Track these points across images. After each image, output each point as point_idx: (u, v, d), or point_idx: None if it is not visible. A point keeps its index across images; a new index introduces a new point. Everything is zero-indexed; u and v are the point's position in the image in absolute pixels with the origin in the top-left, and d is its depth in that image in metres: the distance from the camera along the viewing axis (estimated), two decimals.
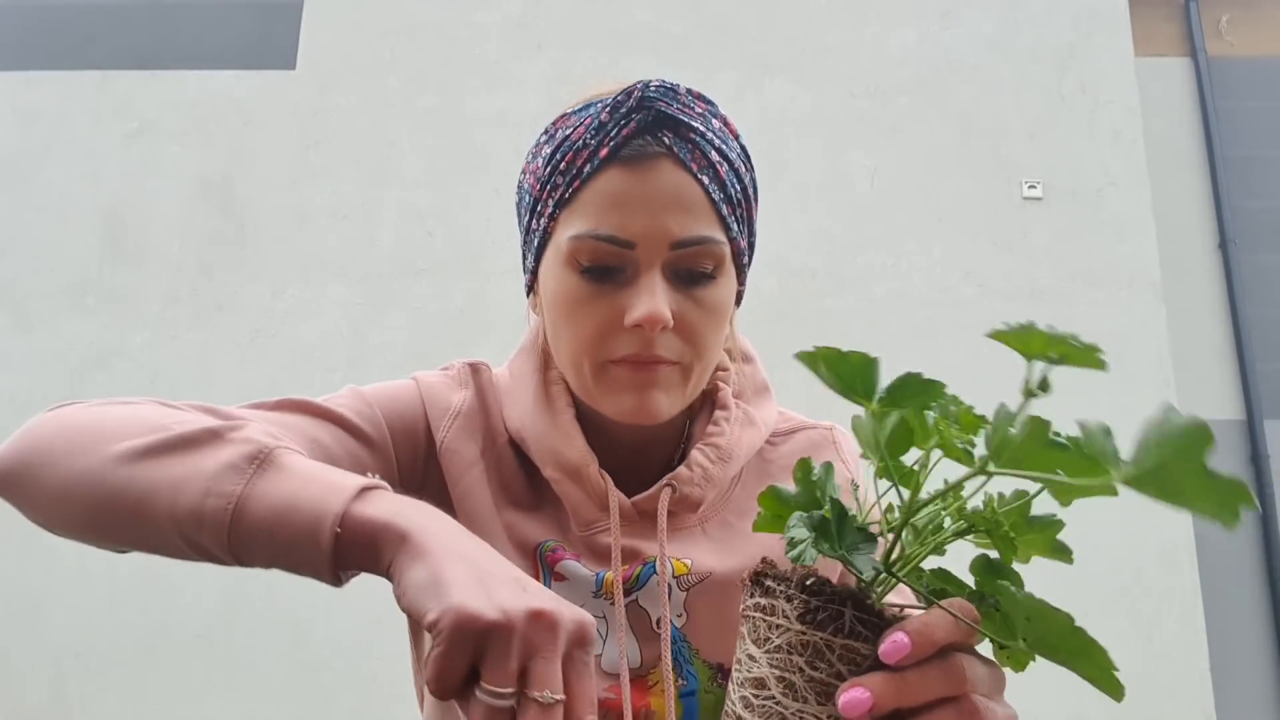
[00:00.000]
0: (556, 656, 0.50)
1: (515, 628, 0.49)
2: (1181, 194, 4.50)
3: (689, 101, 0.76)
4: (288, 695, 3.56)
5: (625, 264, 0.74)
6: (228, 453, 0.60)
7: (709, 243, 0.75)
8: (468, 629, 0.49)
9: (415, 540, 0.54)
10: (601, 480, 0.79)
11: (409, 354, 3.88)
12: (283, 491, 0.58)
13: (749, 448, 0.84)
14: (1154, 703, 3.53)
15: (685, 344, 0.76)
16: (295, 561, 0.58)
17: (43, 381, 3.95)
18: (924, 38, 4.26)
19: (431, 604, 0.50)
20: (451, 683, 0.49)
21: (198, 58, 4.35)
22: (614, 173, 0.74)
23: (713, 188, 0.75)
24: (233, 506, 0.58)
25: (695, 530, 0.82)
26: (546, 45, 4.26)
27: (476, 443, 0.83)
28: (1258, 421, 4.21)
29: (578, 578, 0.79)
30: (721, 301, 0.77)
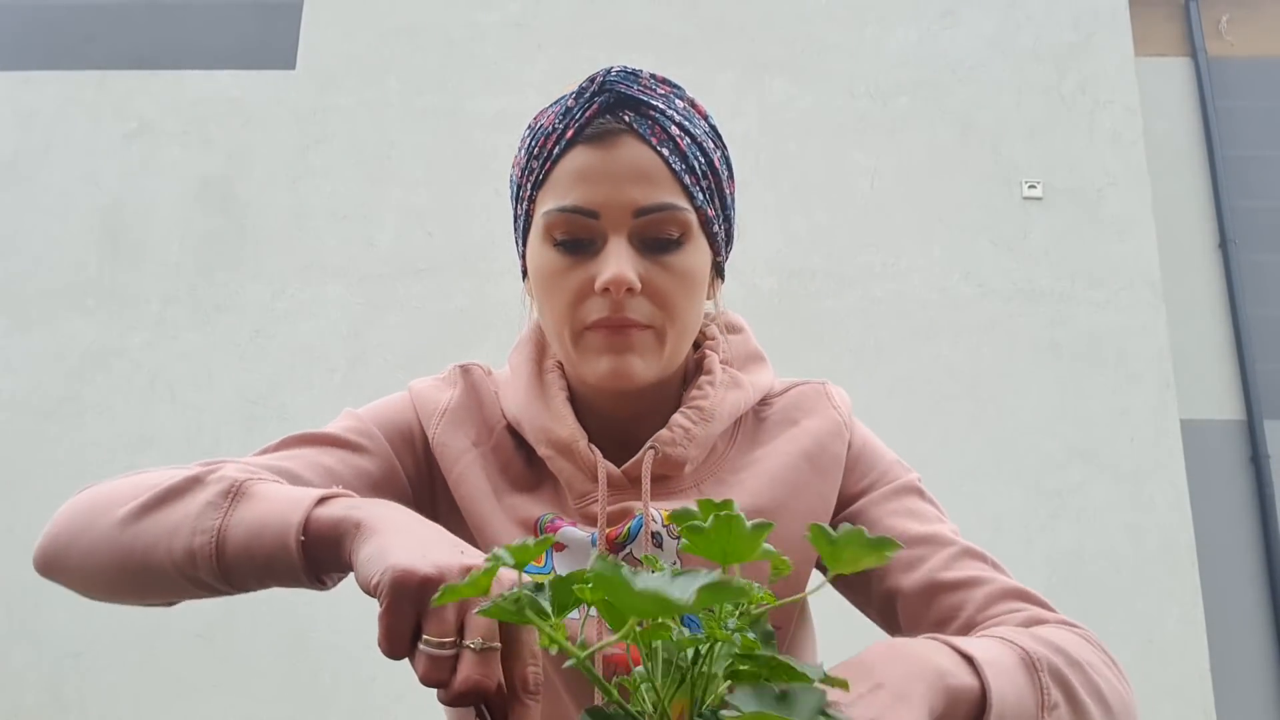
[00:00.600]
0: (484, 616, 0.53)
1: (448, 579, 0.53)
2: (1181, 194, 4.50)
3: (651, 84, 0.81)
4: (287, 695, 3.56)
5: (594, 235, 0.79)
6: (207, 493, 0.67)
7: (671, 209, 0.79)
8: (406, 584, 0.53)
9: (366, 525, 0.60)
10: (591, 454, 0.83)
11: (408, 354, 3.88)
12: (254, 515, 0.65)
13: (733, 407, 0.86)
14: (1154, 703, 3.52)
15: (656, 308, 0.80)
16: (279, 575, 0.64)
17: (43, 381, 3.95)
18: (924, 38, 4.26)
19: (374, 569, 0.55)
20: (399, 640, 0.53)
21: (198, 58, 4.35)
22: (579, 151, 0.79)
23: (673, 159, 0.79)
24: (215, 539, 0.65)
25: (690, 490, 0.84)
26: (546, 45, 4.26)
27: (467, 434, 0.87)
28: (1258, 421, 4.21)
29: (575, 541, 0.82)
30: (691, 268, 0.81)
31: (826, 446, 0.87)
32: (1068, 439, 3.79)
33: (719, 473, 0.86)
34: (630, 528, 0.82)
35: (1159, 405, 3.83)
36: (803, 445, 0.86)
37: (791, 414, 0.90)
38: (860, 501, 0.87)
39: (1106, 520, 3.71)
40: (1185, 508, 3.71)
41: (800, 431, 0.88)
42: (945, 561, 0.82)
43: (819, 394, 0.92)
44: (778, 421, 0.89)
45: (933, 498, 0.89)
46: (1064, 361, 3.88)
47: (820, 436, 0.87)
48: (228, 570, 0.64)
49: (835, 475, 0.86)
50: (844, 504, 0.87)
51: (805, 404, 0.90)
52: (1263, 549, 4.12)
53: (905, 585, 0.81)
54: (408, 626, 0.53)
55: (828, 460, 0.86)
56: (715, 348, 0.90)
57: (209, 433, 3.81)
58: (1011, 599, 0.80)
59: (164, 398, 3.90)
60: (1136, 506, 3.72)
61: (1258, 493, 4.17)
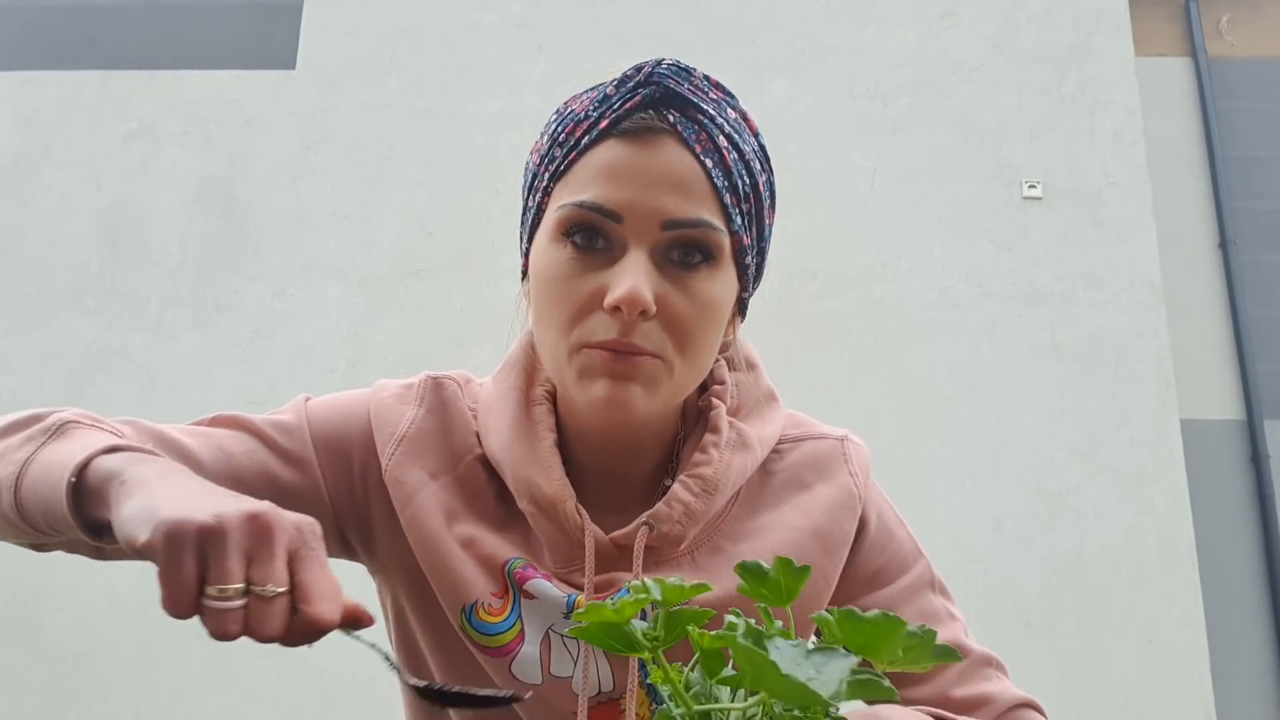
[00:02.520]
0: (275, 554, 0.50)
1: (228, 529, 0.49)
2: (1181, 194, 4.50)
3: (703, 85, 0.73)
4: (288, 695, 3.56)
5: (612, 240, 0.70)
6: (34, 429, 0.65)
7: (704, 227, 0.70)
8: (182, 536, 0.49)
9: (131, 481, 0.55)
10: (579, 517, 0.75)
11: (409, 354, 3.88)
12: (54, 455, 0.60)
13: (739, 474, 0.78)
14: (1154, 703, 3.52)
15: (669, 336, 0.70)
16: (58, 522, 0.59)
17: (43, 381, 3.95)
18: (924, 38, 4.26)
19: (141, 529, 0.50)
20: (183, 598, 0.49)
21: (198, 58, 4.35)
22: (611, 144, 0.70)
23: (716, 172, 0.71)
24: (18, 471, 0.61)
25: (683, 559, 0.77)
26: (546, 46, 4.26)
27: (425, 465, 0.78)
28: (1258, 421, 4.21)
29: (548, 597, 0.75)
30: (716, 296, 0.72)
31: (838, 522, 0.79)
32: (1068, 439, 3.79)
33: (716, 539, 0.79)
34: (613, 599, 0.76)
35: (1159, 405, 3.83)
36: (813, 519, 0.79)
37: (803, 474, 0.82)
38: (872, 597, 0.81)
39: (1106, 521, 3.71)
40: (1185, 508, 3.71)
41: (810, 500, 0.80)
42: (958, 677, 0.79)
43: (835, 455, 0.83)
44: (786, 482, 0.81)
45: (944, 585, 0.84)
46: (1064, 362, 3.88)
47: (832, 510, 0.80)
48: (21, 505, 0.61)
49: (841, 554, 0.80)
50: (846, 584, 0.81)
51: (819, 464, 0.82)
52: (1263, 549, 4.11)
53: (916, 698, 0.78)
54: (192, 581, 0.49)
55: (837, 538, 0.79)
56: (723, 395, 0.81)
57: None
58: (1017, 709, 0.80)
59: (164, 398, 3.90)
60: (1137, 507, 3.72)
61: (1258, 493, 4.17)
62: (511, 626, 0.76)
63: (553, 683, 0.76)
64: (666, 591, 0.45)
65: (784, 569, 0.51)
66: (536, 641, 0.76)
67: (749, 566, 0.52)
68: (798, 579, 0.51)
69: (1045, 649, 3.53)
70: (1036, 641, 3.54)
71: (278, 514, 0.51)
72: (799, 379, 3.68)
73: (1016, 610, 3.59)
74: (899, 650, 0.46)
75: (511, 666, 0.76)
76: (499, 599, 0.76)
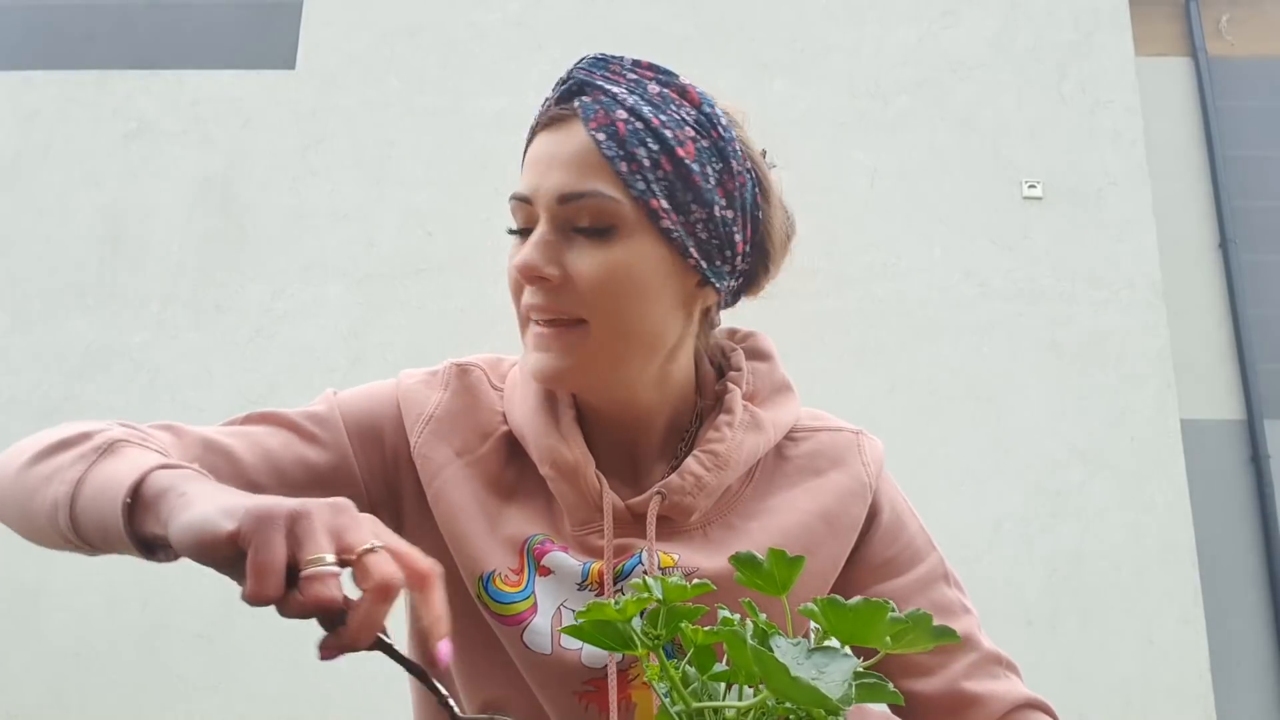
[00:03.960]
0: (364, 526, 0.53)
1: (314, 510, 0.52)
2: (1181, 194, 4.50)
3: (621, 70, 0.78)
4: (287, 695, 3.56)
5: (531, 222, 0.77)
6: (85, 447, 0.67)
7: (595, 196, 0.74)
8: (273, 518, 0.51)
9: (191, 494, 0.56)
10: (597, 482, 0.79)
11: (409, 354, 3.88)
12: (108, 472, 0.63)
13: (751, 452, 0.82)
14: (1154, 703, 3.52)
15: (580, 299, 0.75)
16: (113, 539, 0.61)
17: (42, 381, 3.95)
18: (924, 38, 4.26)
19: (224, 521, 0.52)
20: (273, 578, 0.50)
21: (198, 58, 4.35)
22: (537, 139, 0.79)
23: (609, 144, 0.74)
24: (72, 490, 0.63)
25: (696, 532, 0.81)
26: (546, 45, 4.26)
27: (451, 444, 0.83)
28: (1258, 421, 4.21)
29: (564, 569, 0.79)
30: (623, 261, 0.75)
31: (848, 508, 0.83)
32: (1068, 439, 3.79)
33: (729, 516, 0.82)
34: (625, 566, 0.79)
35: (1159, 405, 3.83)
36: (823, 503, 0.82)
37: (817, 461, 0.85)
38: (885, 586, 0.83)
39: (1107, 520, 3.71)
40: (1185, 508, 3.71)
41: (823, 485, 0.84)
42: (967, 669, 0.81)
43: (851, 445, 0.87)
44: (801, 468, 0.85)
45: (956, 578, 0.86)
46: (1064, 361, 3.88)
47: (842, 496, 0.83)
48: (76, 522, 0.63)
49: (849, 539, 0.83)
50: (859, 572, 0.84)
51: (834, 453, 0.86)
52: (1263, 549, 4.12)
53: (927, 689, 0.80)
54: (282, 562, 0.50)
55: (846, 523, 0.82)
56: (739, 381, 0.86)
57: None
58: (1025, 709, 0.81)
59: (164, 398, 3.90)
60: (1137, 506, 3.72)
61: (1258, 493, 4.17)
62: (526, 598, 0.79)
63: (562, 654, 0.78)
64: (668, 590, 0.46)
65: (778, 560, 0.52)
66: (549, 615, 0.79)
67: (743, 557, 0.53)
68: (791, 569, 0.52)
69: (1045, 648, 3.53)
70: (1037, 641, 3.54)
71: (352, 504, 0.55)
72: (799, 378, 3.65)
73: (1017, 609, 3.59)
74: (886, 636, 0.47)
75: (524, 635, 0.79)
76: (516, 574, 0.80)
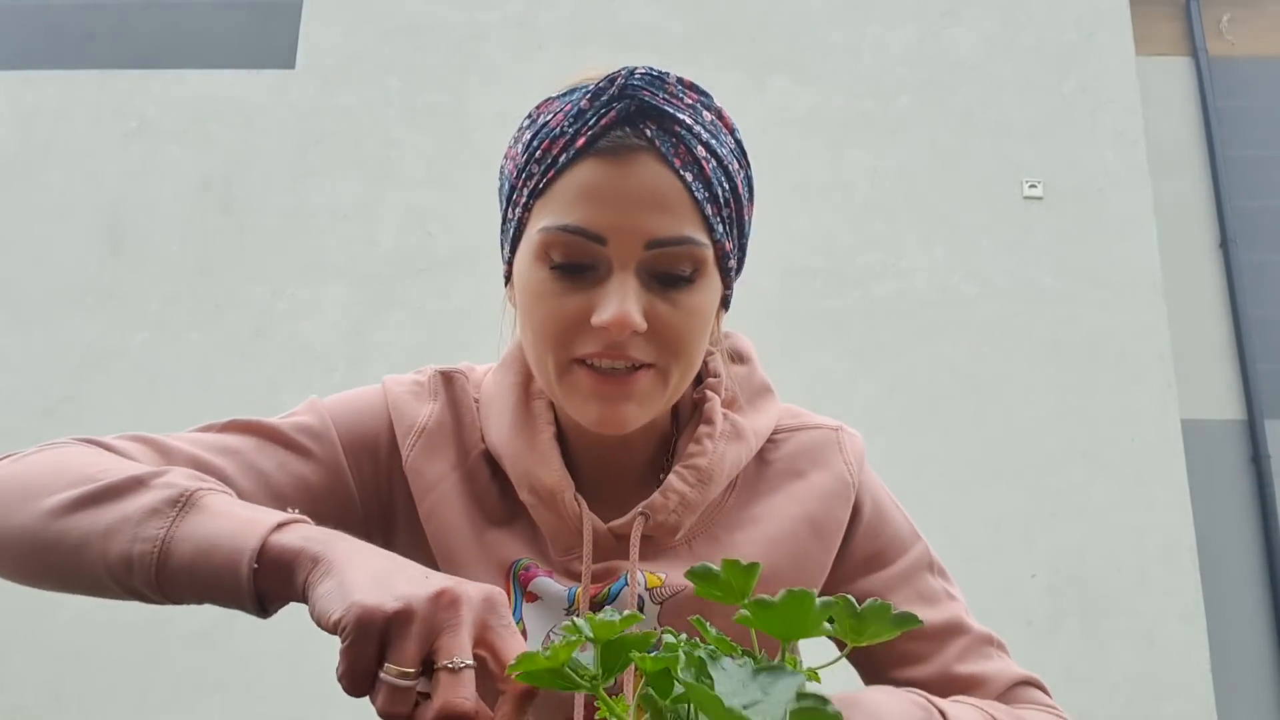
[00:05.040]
0: (462, 628, 0.52)
1: (415, 611, 0.51)
2: (1182, 194, 4.50)
3: (678, 91, 0.72)
4: (288, 695, 3.56)
5: (597, 260, 0.71)
6: (151, 498, 0.62)
7: (688, 244, 0.71)
8: (371, 621, 0.51)
9: (325, 559, 0.56)
10: (577, 506, 0.77)
11: (409, 354, 3.88)
12: (203, 532, 0.60)
13: (733, 464, 0.80)
14: (1154, 703, 3.52)
15: (660, 347, 0.72)
16: (220, 597, 0.59)
17: (42, 381, 3.94)
18: (924, 37, 4.25)
19: (335, 607, 0.52)
20: (361, 677, 0.51)
21: (198, 57, 4.35)
22: (590, 164, 0.70)
23: (696, 186, 0.71)
24: (158, 550, 0.60)
25: (681, 548, 0.79)
26: (547, 45, 4.26)
27: (444, 458, 0.81)
28: (1258, 421, 4.21)
29: (550, 594, 0.77)
30: (701, 306, 0.73)
31: (832, 510, 0.81)
32: (1069, 439, 3.79)
33: (713, 529, 0.80)
34: (612, 589, 0.77)
35: (1160, 405, 3.82)
36: (806, 507, 0.81)
37: (798, 463, 0.83)
38: (871, 579, 0.83)
39: (1107, 520, 3.71)
40: (1186, 508, 3.71)
41: (805, 488, 0.82)
42: (959, 654, 0.81)
43: (830, 443, 0.85)
44: (782, 471, 0.83)
45: (942, 567, 0.86)
46: (1065, 361, 3.88)
47: (825, 498, 0.82)
48: (166, 583, 0.60)
49: (835, 540, 0.82)
50: (845, 567, 0.83)
51: (814, 453, 0.84)
52: (1263, 549, 4.11)
53: (921, 676, 0.79)
54: (371, 664, 0.51)
55: (830, 526, 0.81)
56: (717, 388, 0.83)
57: None
58: (1020, 687, 0.81)
59: (164, 398, 3.90)
60: (1137, 506, 3.71)
61: (1258, 493, 4.17)
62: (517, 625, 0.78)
63: None
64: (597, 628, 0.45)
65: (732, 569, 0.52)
66: (538, 641, 0.78)
67: (698, 571, 0.53)
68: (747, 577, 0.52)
69: (1046, 648, 3.53)
70: (1037, 640, 3.54)
71: (464, 588, 0.53)
72: (799, 378, 3.68)
73: (1016, 610, 3.58)
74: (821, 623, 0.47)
75: None
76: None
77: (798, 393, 0.94)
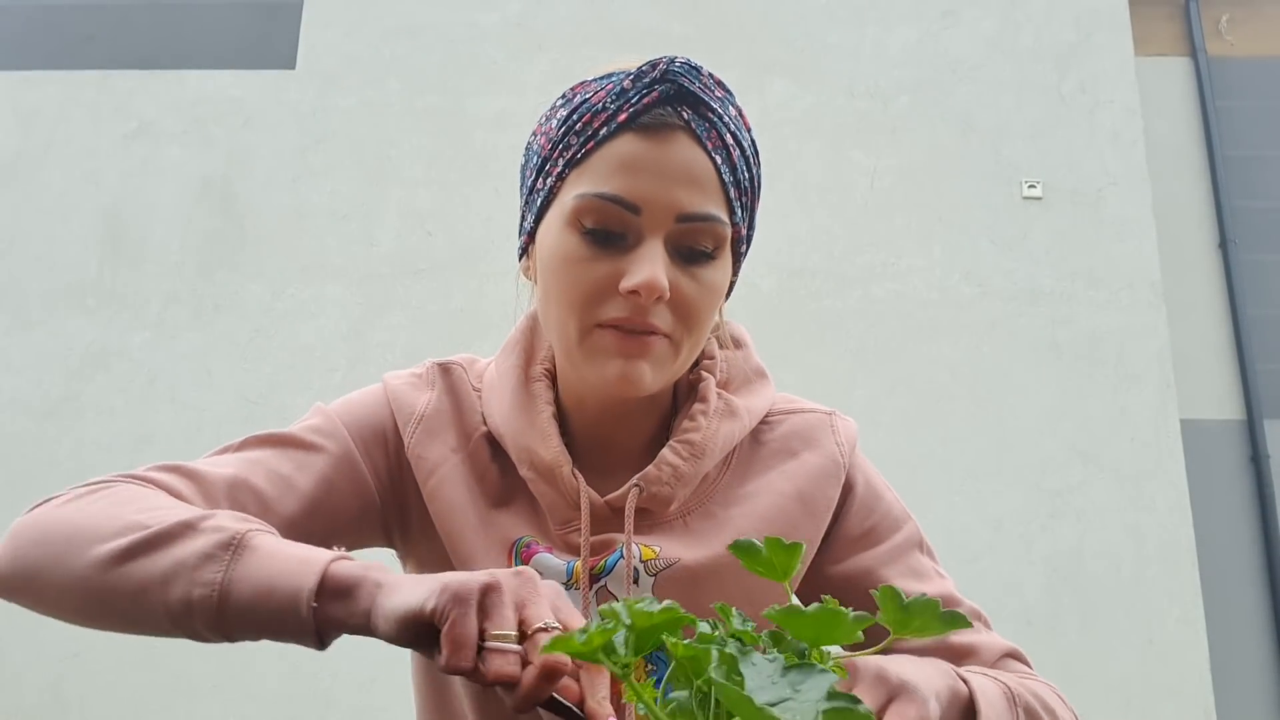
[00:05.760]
0: (543, 599, 0.57)
1: (502, 582, 0.56)
2: (1181, 194, 4.50)
3: (710, 84, 0.77)
4: (288, 695, 3.56)
5: (628, 229, 0.75)
6: (203, 543, 0.64)
7: (714, 221, 0.75)
8: (468, 593, 0.55)
9: (387, 583, 0.60)
10: (574, 480, 0.80)
11: (409, 354, 3.88)
12: (261, 574, 0.62)
13: (726, 439, 0.83)
14: (1154, 703, 3.52)
15: (677, 319, 0.76)
16: (280, 634, 0.63)
17: (43, 381, 3.95)
18: (924, 38, 4.26)
19: (420, 598, 0.56)
20: (467, 650, 0.54)
21: (198, 58, 4.35)
22: (630, 138, 0.74)
23: (725, 169, 0.76)
24: (217, 594, 0.62)
25: (676, 522, 0.82)
26: (546, 46, 4.26)
27: (444, 443, 0.84)
28: (1258, 421, 4.21)
29: (550, 569, 0.80)
30: (718, 282, 0.78)
31: (822, 488, 0.84)
32: (1068, 439, 3.79)
33: (708, 505, 0.83)
34: (608, 561, 0.79)
35: (1159, 405, 3.83)
36: (797, 484, 0.84)
37: (791, 443, 0.87)
38: (863, 556, 0.85)
39: (1106, 520, 3.71)
40: (1185, 508, 3.71)
41: (797, 466, 0.85)
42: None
43: (823, 425, 0.88)
44: (776, 451, 0.86)
45: (931, 547, 0.89)
46: (1064, 361, 3.88)
47: (816, 476, 0.84)
48: (227, 624, 0.63)
49: (825, 517, 0.84)
50: (837, 545, 0.85)
51: (807, 434, 0.87)
52: (1263, 549, 4.11)
53: (917, 645, 0.81)
54: (475, 634, 0.54)
55: (821, 503, 0.84)
56: (713, 369, 0.87)
57: (209, 433, 3.80)
58: (1005, 659, 0.85)
59: (164, 398, 3.90)
60: (1136, 506, 3.72)
61: (1258, 493, 4.17)
62: None
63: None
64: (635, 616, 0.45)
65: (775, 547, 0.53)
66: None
67: (743, 545, 0.55)
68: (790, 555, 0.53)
69: (1045, 648, 3.53)
70: (1036, 641, 3.54)
71: (534, 572, 0.59)
72: (799, 378, 3.67)
73: (1016, 609, 3.59)
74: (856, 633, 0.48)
75: None
76: None
77: (797, 393, 0.94)
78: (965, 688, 0.69)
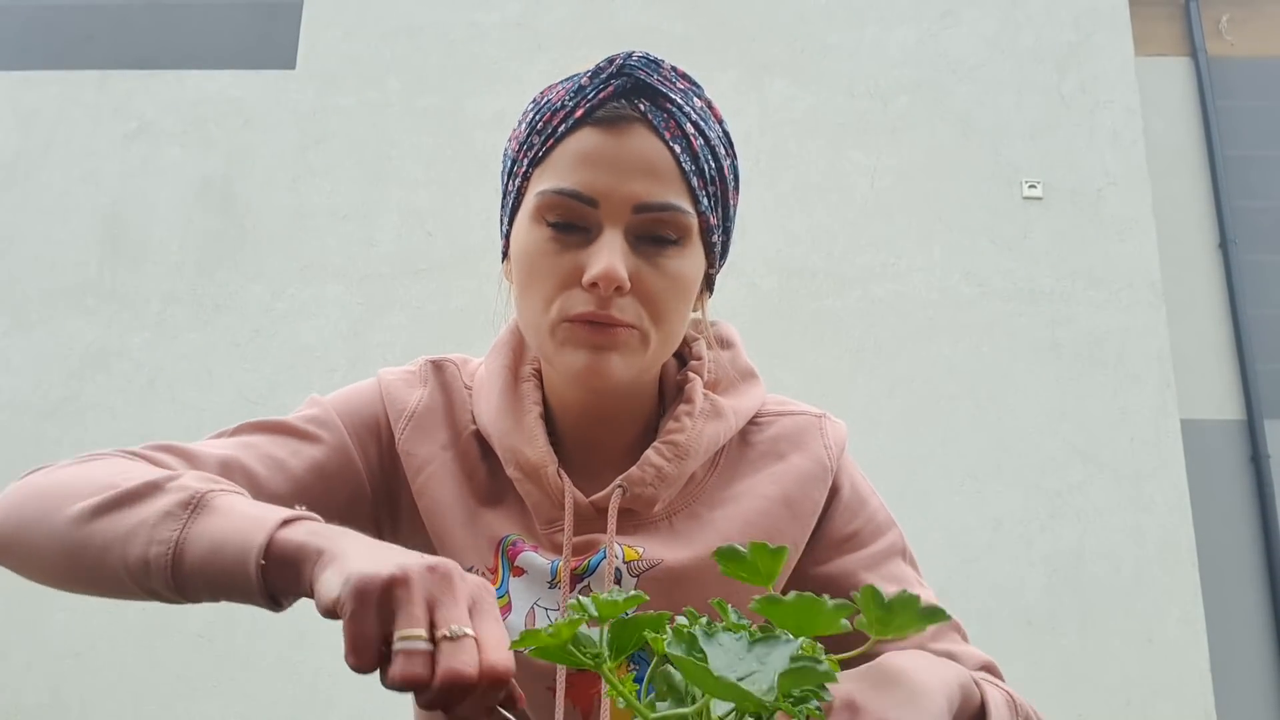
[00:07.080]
0: (458, 600, 0.52)
1: (412, 577, 0.52)
2: (1181, 194, 4.50)
3: (670, 76, 0.77)
4: (288, 695, 3.56)
5: (589, 223, 0.75)
6: (165, 501, 0.64)
7: (673, 210, 0.75)
8: (369, 588, 0.51)
9: (329, 551, 0.57)
10: (559, 480, 0.80)
11: (409, 354, 3.85)
12: (213, 531, 0.62)
13: (711, 440, 0.83)
14: (1154, 703, 3.52)
15: (643, 309, 0.76)
16: (234, 594, 0.61)
17: (43, 381, 3.95)
18: (924, 38, 4.26)
19: (334, 588, 0.53)
20: (365, 649, 0.51)
21: (198, 58, 4.35)
22: (587, 132, 0.75)
23: (684, 158, 0.76)
24: (172, 551, 0.62)
25: (661, 523, 0.82)
26: (546, 46, 4.26)
27: (435, 439, 0.84)
28: (1258, 421, 4.21)
29: (535, 568, 0.80)
30: (685, 272, 0.77)
31: (808, 491, 0.84)
32: (1068, 439, 3.79)
33: (694, 506, 0.83)
34: (591, 562, 0.80)
35: (1159, 405, 3.83)
36: (784, 487, 0.83)
37: (780, 445, 0.86)
38: (845, 559, 0.85)
39: (1106, 520, 3.71)
40: (1185, 508, 3.71)
41: (785, 469, 0.85)
42: (932, 634, 0.83)
43: (812, 428, 0.87)
44: (764, 452, 0.86)
45: (914, 557, 0.88)
46: (1064, 361, 3.88)
47: (803, 479, 0.84)
48: (182, 582, 0.62)
49: (809, 521, 0.84)
50: (821, 547, 0.85)
51: (796, 437, 0.87)
52: (1263, 549, 4.12)
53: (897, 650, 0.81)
54: (374, 632, 0.51)
55: (806, 506, 0.84)
56: (700, 370, 0.86)
57: (209, 433, 3.80)
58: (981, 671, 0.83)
59: (164, 398, 3.90)
60: (1136, 506, 3.72)
61: (1258, 493, 4.17)
62: (501, 597, 0.81)
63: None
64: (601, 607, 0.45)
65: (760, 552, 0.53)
66: (523, 613, 0.81)
67: (725, 551, 0.54)
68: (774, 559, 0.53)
69: (1045, 648, 3.53)
70: (1036, 641, 3.54)
71: (456, 567, 0.55)
72: (799, 379, 3.68)
73: (1016, 610, 3.59)
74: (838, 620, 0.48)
75: None
76: (492, 573, 0.82)
77: (797, 393, 0.94)
78: (978, 692, 0.70)
